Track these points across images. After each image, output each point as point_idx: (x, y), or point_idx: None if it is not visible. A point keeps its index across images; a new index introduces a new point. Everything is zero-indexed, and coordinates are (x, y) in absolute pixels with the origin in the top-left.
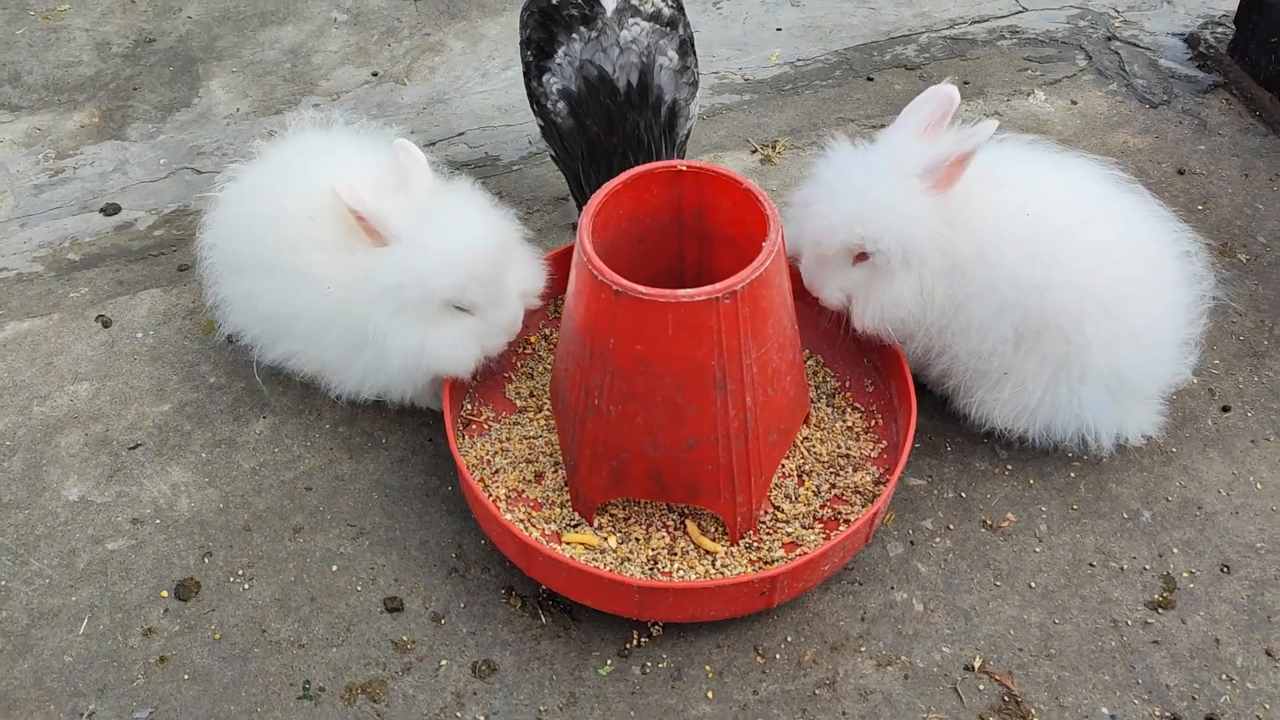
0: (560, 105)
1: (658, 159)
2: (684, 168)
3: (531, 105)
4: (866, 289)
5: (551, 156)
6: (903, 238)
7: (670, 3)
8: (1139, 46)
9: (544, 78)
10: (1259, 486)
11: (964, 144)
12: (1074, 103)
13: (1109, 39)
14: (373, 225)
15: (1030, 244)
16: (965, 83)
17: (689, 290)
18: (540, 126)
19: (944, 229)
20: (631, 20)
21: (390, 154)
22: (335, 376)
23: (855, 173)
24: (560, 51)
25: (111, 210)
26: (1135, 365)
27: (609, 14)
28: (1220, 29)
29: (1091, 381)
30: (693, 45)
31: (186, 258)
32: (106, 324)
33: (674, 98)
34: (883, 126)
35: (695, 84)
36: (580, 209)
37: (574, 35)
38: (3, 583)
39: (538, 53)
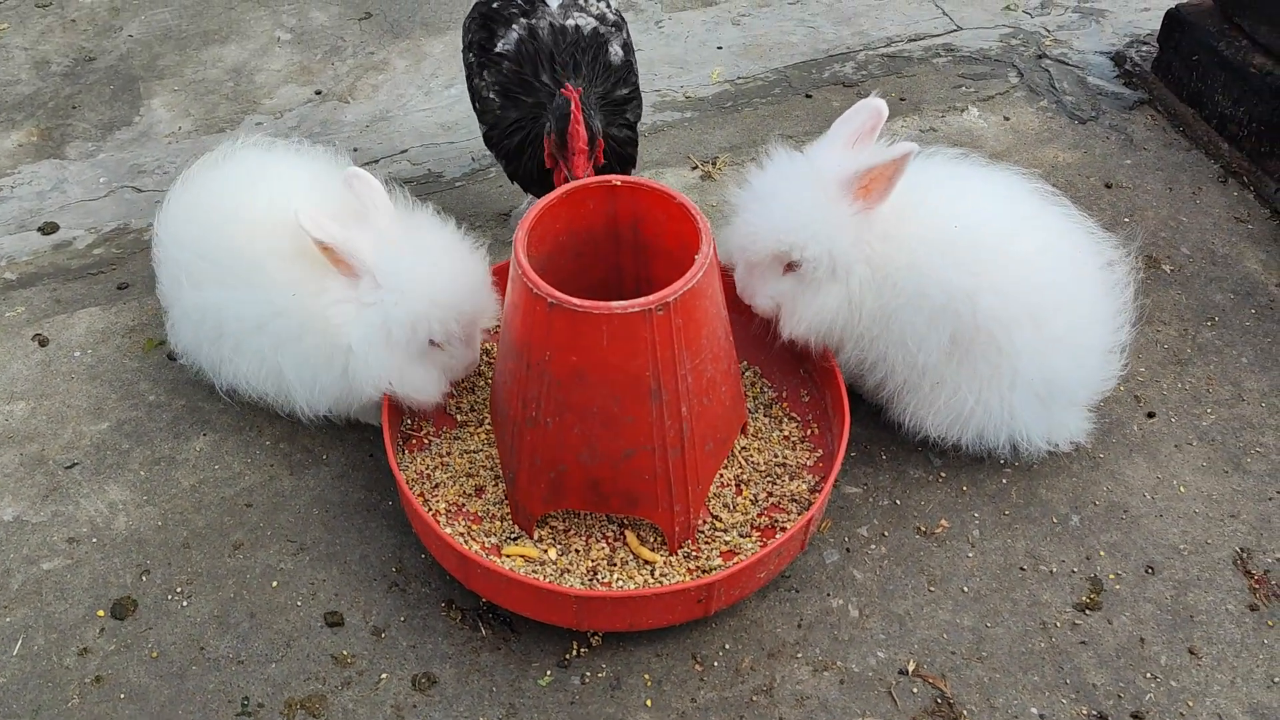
0: (506, 65)
1: (588, 85)
2: (618, 182)
3: (473, 103)
4: (794, 298)
5: (486, 138)
6: (827, 246)
7: (613, 11)
8: (1068, 64)
9: (484, 73)
10: (1182, 490)
11: (886, 155)
12: (1006, 118)
13: (1040, 57)
14: (341, 257)
15: (959, 253)
16: (901, 99)
17: (623, 302)
18: (480, 115)
19: (871, 240)
20: (578, 14)
21: (341, 179)
22: (286, 390)
23: (783, 182)
24: (499, 44)
25: (49, 229)
26: (1063, 372)
27: (553, 7)
28: (1145, 47)
29: (1022, 389)
30: (633, 53)
31: (126, 276)
32: (43, 343)
33: (621, 69)
34: None
35: (636, 88)
36: (523, 190)
37: (514, 27)
38: None
39: (479, 52)
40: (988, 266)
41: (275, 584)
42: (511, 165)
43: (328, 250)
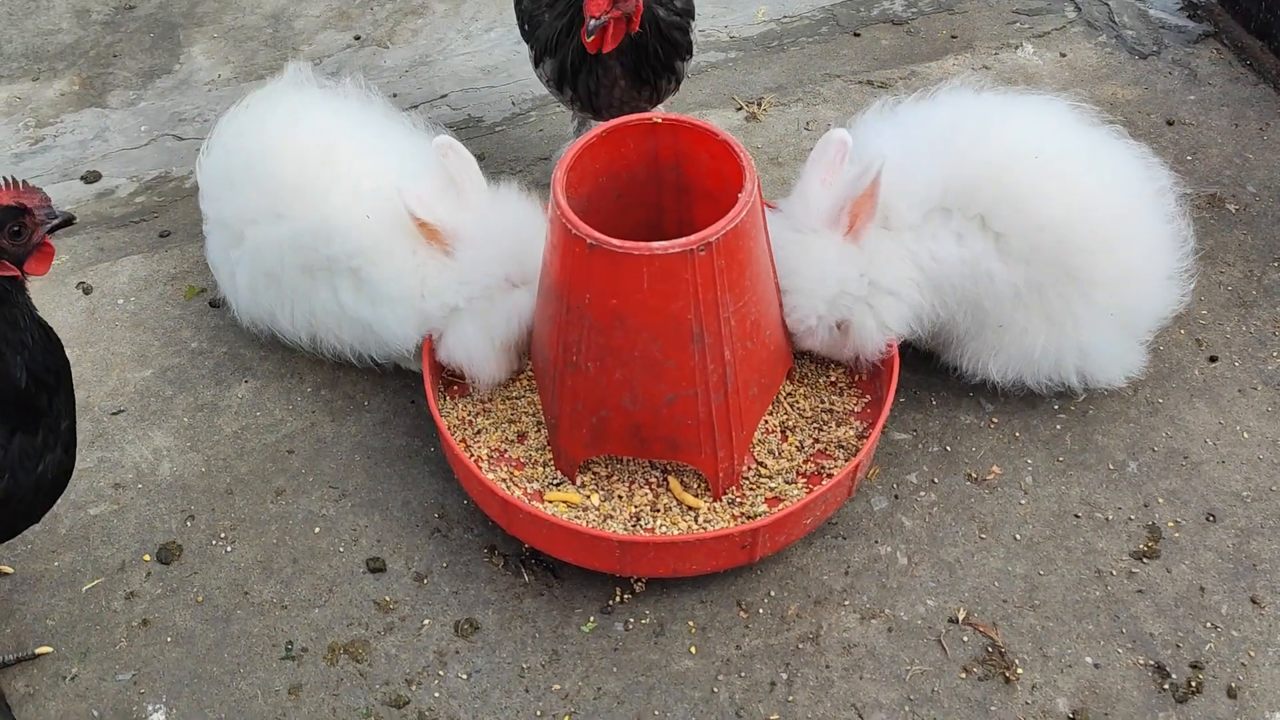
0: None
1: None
2: (659, 120)
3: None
4: (852, 336)
5: (529, 34)
6: (836, 297)
7: None
8: None
9: None
10: (1245, 435)
11: (862, 183)
12: (1063, 55)
13: None
14: (444, 239)
15: (1043, 186)
16: (953, 37)
17: (663, 243)
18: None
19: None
20: None
21: (434, 149)
22: (331, 333)
23: (788, 260)
24: None
25: (92, 178)
26: (1136, 301)
27: None
28: None
29: (1096, 322)
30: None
31: (167, 224)
32: (87, 291)
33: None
34: (869, 82)
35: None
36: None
37: None
38: None
39: None
40: (1067, 198)
41: (317, 530)
42: (559, 56)
43: (425, 227)
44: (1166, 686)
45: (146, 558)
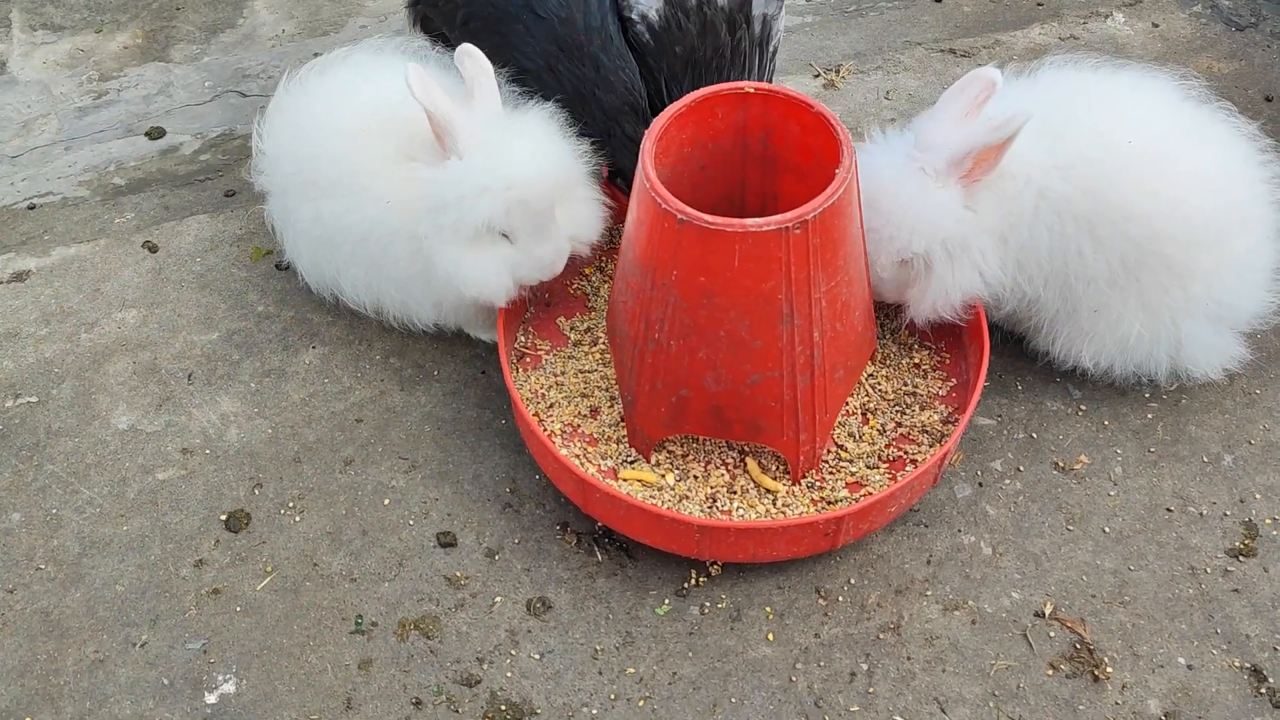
0: (652, 14)
1: (750, 73)
2: (751, 90)
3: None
4: (919, 284)
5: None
6: (931, 239)
7: None
8: None
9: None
10: None
11: (999, 134)
12: (1155, 25)
13: None
14: (440, 129)
15: (1136, 172)
16: (1039, 4)
17: (757, 219)
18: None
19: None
20: None
21: (455, 56)
22: (399, 301)
23: (876, 179)
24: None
25: (156, 134)
26: (1235, 294)
27: None
28: None
29: (1194, 314)
30: None
31: (233, 183)
32: (153, 250)
33: (763, 11)
34: (951, 51)
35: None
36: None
37: None
38: (54, 510)
39: None
40: (1164, 185)
41: (387, 501)
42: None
43: (430, 119)
44: (1263, 690)
45: (213, 525)
